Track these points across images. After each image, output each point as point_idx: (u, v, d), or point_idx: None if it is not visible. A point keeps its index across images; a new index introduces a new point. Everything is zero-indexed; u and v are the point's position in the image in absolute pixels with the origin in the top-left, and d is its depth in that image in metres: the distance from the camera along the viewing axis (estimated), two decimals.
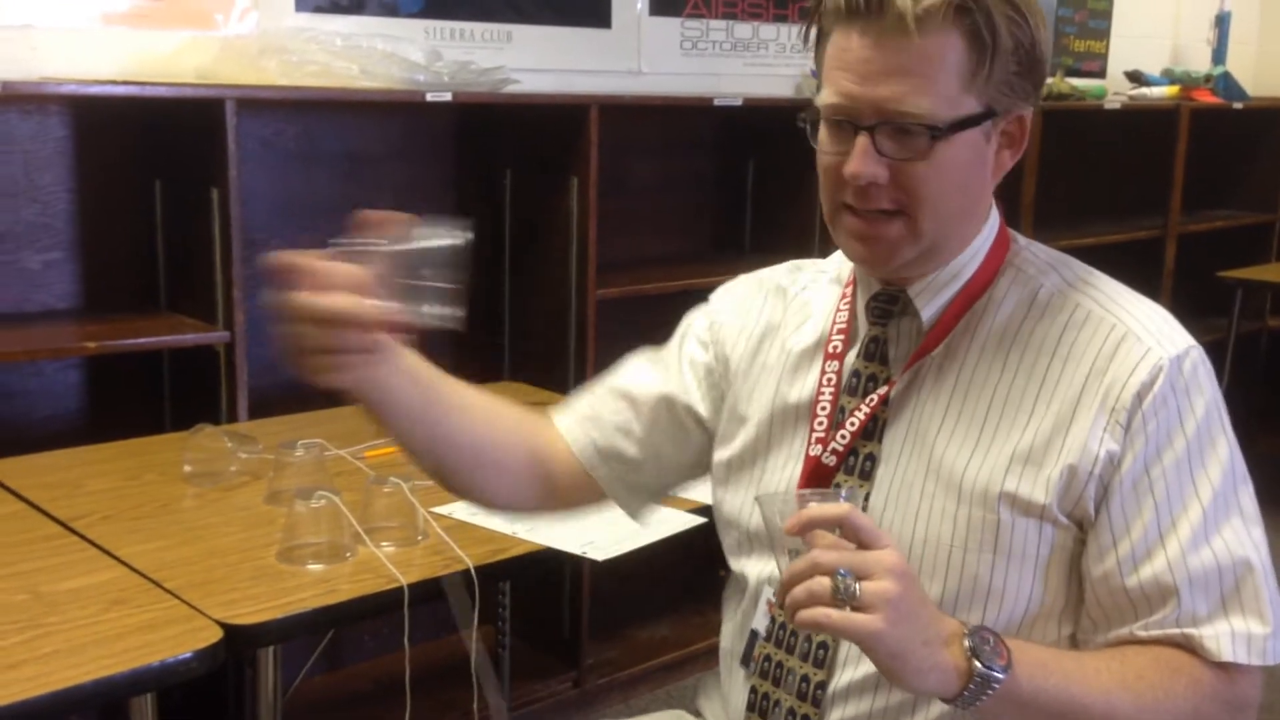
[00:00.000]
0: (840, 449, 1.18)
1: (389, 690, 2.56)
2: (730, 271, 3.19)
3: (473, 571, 1.48)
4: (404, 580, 1.44)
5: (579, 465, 1.31)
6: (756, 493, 1.25)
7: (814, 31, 1.14)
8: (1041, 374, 1.12)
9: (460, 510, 1.66)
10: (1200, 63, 4.55)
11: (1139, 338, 1.10)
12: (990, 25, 1.06)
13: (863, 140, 1.08)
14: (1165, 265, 4.19)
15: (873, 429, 1.17)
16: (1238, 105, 4.34)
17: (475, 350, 2.87)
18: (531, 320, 2.82)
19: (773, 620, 1.21)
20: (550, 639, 2.81)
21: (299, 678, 2.46)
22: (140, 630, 1.30)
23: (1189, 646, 1.08)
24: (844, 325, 1.22)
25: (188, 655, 1.26)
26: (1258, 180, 4.66)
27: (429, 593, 1.47)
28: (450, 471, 1.24)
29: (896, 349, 1.18)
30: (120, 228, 2.36)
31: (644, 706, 1.39)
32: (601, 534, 1.58)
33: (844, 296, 1.24)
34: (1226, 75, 4.37)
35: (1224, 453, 1.10)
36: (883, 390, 1.17)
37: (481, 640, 1.54)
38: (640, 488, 1.33)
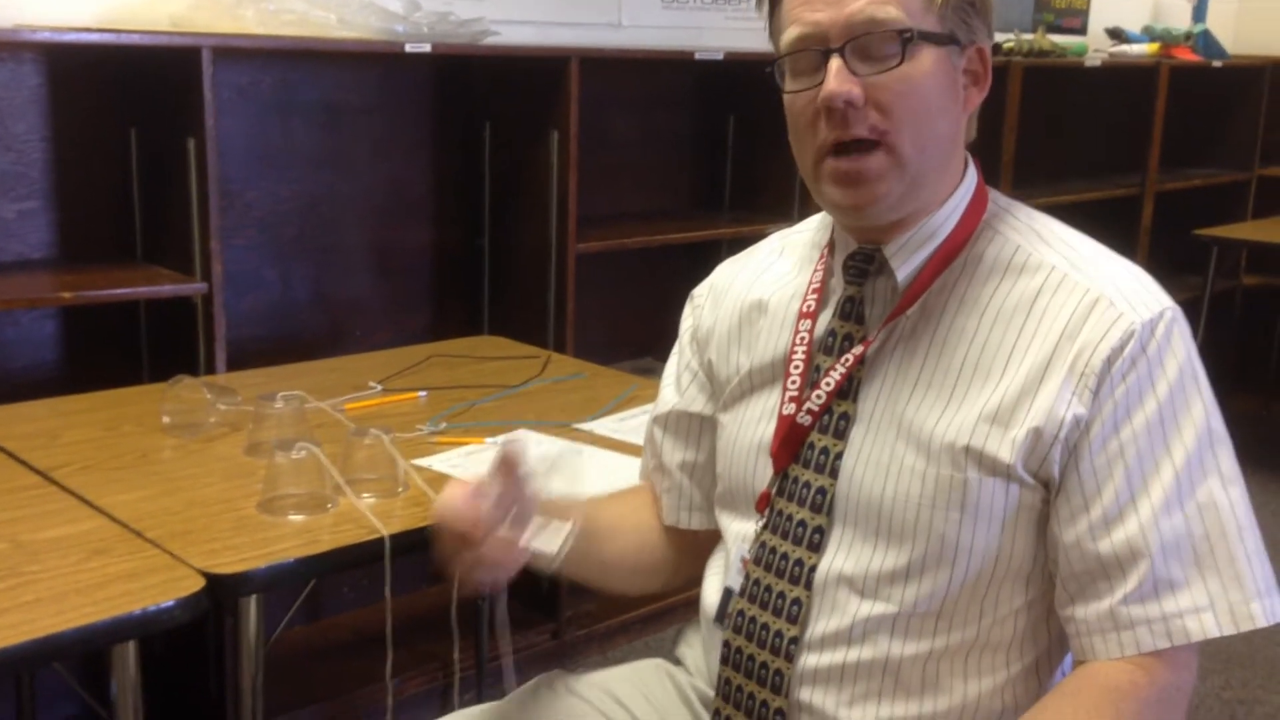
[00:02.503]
0: (815, 409, 1.18)
1: (369, 642, 2.58)
2: (710, 225, 3.18)
3: None
4: (385, 531, 1.44)
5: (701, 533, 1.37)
6: (731, 449, 1.28)
7: None
8: (1015, 335, 1.12)
9: (440, 462, 1.67)
10: (1181, 20, 4.55)
11: (1112, 301, 1.10)
12: None
13: (835, 61, 1.08)
14: (1142, 223, 4.21)
15: (848, 388, 1.18)
16: (1217, 63, 4.35)
17: (455, 303, 2.87)
18: (511, 274, 2.82)
19: (747, 577, 1.22)
20: (528, 591, 2.83)
21: (279, 628, 2.48)
22: (122, 579, 1.30)
23: (1143, 643, 1.06)
24: (818, 285, 1.23)
25: (170, 604, 1.26)
26: (1235, 139, 4.68)
27: (410, 544, 1.47)
28: (615, 590, 1.39)
29: (872, 309, 1.19)
30: (96, 177, 2.34)
31: (621, 657, 1.40)
32: (582, 485, 1.59)
33: (820, 257, 1.24)
34: (1206, 33, 4.37)
35: (1198, 414, 1.09)
36: (858, 350, 1.17)
37: (459, 596, 1.56)
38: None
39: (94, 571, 1.31)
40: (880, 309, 1.18)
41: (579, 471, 1.25)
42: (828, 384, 1.18)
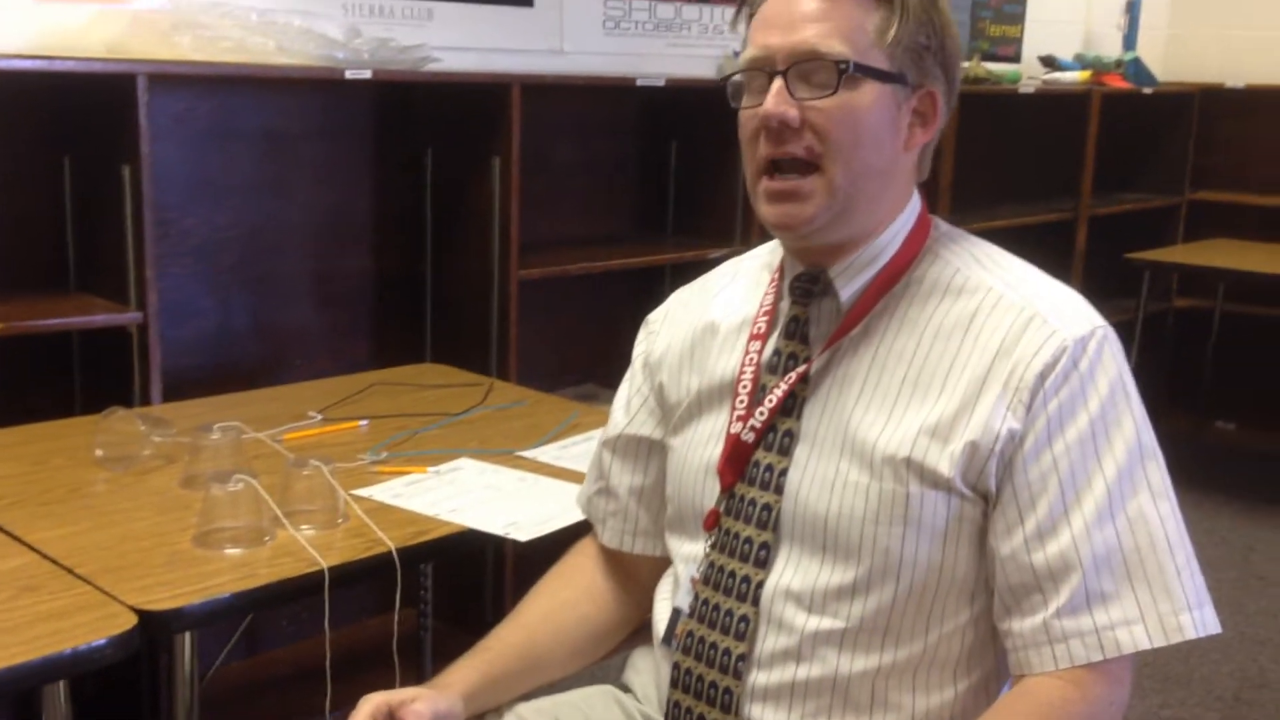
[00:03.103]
0: (759, 426, 1.21)
1: (309, 675, 2.54)
2: (653, 251, 3.19)
3: (394, 554, 1.47)
4: (324, 563, 1.42)
5: (642, 558, 1.38)
6: (680, 471, 1.28)
7: (744, 12, 1.21)
8: (953, 353, 1.15)
9: (381, 492, 1.65)
10: (1111, 48, 4.65)
11: (1046, 319, 1.13)
12: None
13: (777, 83, 1.15)
14: (1076, 247, 4.29)
15: (791, 406, 1.20)
16: (1147, 90, 4.45)
17: (397, 331, 2.85)
18: (453, 301, 2.80)
19: (695, 596, 1.22)
20: (472, 620, 2.80)
21: (216, 664, 2.43)
22: (51, 617, 1.27)
23: (1079, 657, 1.08)
24: (769, 307, 1.26)
25: (101, 642, 1.23)
26: (1166, 164, 4.78)
27: (349, 575, 1.45)
28: (569, 674, 1.38)
29: (817, 328, 1.22)
30: (29, 205, 2.29)
31: (569, 684, 1.39)
32: (524, 514, 1.58)
33: (772, 280, 1.28)
34: (1137, 61, 4.47)
35: (1129, 429, 1.12)
36: (801, 368, 1.20)
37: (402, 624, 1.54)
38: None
39: (23, 610, 1.28)
40: (824, 329, 1.22)
41: None
42: (770, 401, 1.20)
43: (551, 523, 1.54)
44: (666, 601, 1.29)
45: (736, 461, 1.22)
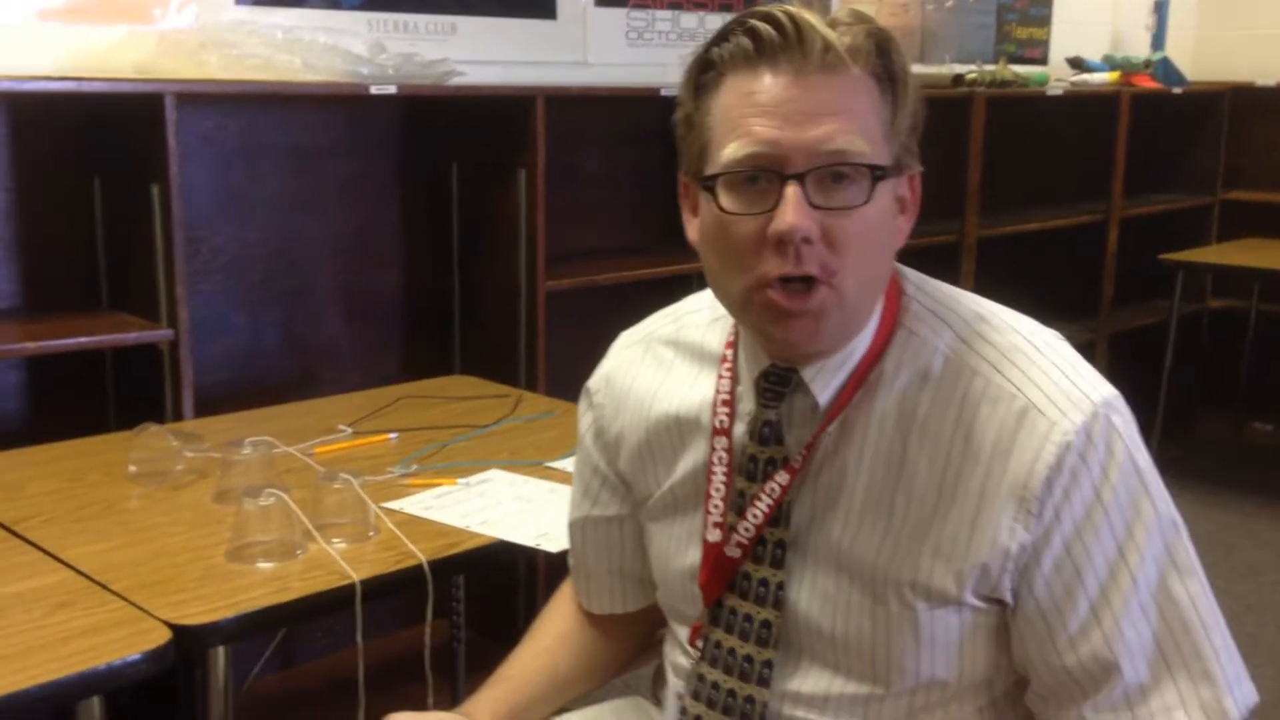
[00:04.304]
0: (746, 541, 1.12)
1: (342, 688, 2.55)
2: (679, 261, 3.18)
3: (426, 567, 1.47)
4: (356, 576, 1.43)
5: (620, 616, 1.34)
6: (663, 566, 1.22)
7: (708, 78, 1.03)
8: (944, 459, 1.05)
9: (411, 505, 1.65)
10: (1140, 48, 4.61)
11: (1041, 410, 1.03)
12: (903, 70, 1.01)
13: (793, 190, 0.97)
14: (1108, 249, 4.25)
15: (778, 515, 1.11)
16: (1177, 90, 4.41)
17: (425, 344, 2.86)
18: (481, 313, 2.81)
19: (684, 711, 1.18)
20: (505, 631, 2.80)
21: (250, 677, 2.44)
22: (87, 633, 1.28)
23: None
24: (727, 396, 1.14)
25: (136, 657, 1.24)
26: (1197, 164, 4.73)
27: (381, 588, 1.46)
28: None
29: (790, 430, 1.11)
30: (60, 226, 2.32)
31: (601, 695, 1.39)
32: (555, 525, 1.58)
33: (724, 360, 1.15)
34: (1166, 61, 4.43)
35: (1148, 514, 1.04)
36: (784, 479, 1.10)
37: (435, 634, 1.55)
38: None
39: (58, 626, 1.29)
40: (801, 430, 1.10)
41: None
42: (755, 516, 1.11)
43: None
44: (674, 656, 1.24)
45: (721, 575, 1.13)
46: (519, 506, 1.66)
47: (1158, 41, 4.67)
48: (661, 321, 1.26)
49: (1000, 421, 1.03)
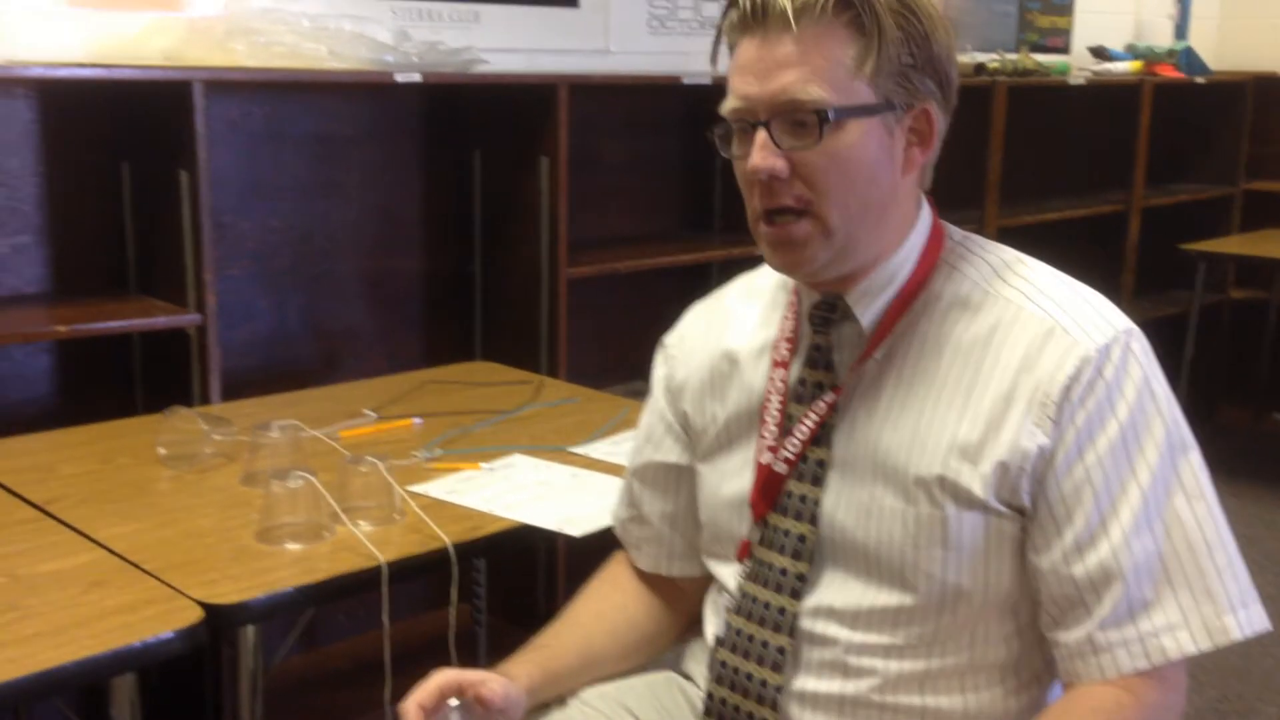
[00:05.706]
0: (791, 457, 1.20)
1: (368, 669, 2.57)
2: (701, 248, 3.19)
3: (450, 550, 1.49)
4: (382, 558, 1.45)
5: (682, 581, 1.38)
6: (713, 500, 1.29)
7: (722, 49, 1.18)
8: (974, 370, 1.13)
9: (436, 488, 1.67)
10: (1163, 38, 4.59)
11: (1066, 330, 1.11)
12: (873, 15, 1.09)
13: (760, 135, 1.11)
14: (1129, 239, 4.24)
15: (821, 435, 1.19)
16: (1200, 80, 4.39)
17: (448, 330, 2.88)
18: (503, 300, 2.83)
19: (729, 626, 1.23)
20: (526, 615, 2.83)
21: (278, 657, 2.47)
22: (121, 611, 1.30)
23: (1129, 666, 1.08)
24: (790, 334, 1.24)
25: (169, 635, 1.27)
26: (1219, 154, 4.71)
27: (407, 571, 1.48)
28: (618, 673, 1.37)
29: (840, 355, 1.20)
30: (89, 211, 2.35)
31: (630, 670, 1.41)
32: (578, 510, 1.60)
33: (791, 304, 1.26)
34: (1189, 50, 4.41)
35: (1160, 432, 1.10)
36: (829, 398, 1.19)
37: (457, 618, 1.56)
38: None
39: (92, 604, 1.32)
40: (848, 354, 1.20)
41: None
42: (801, 432, 1.19)
43: (605, 518, 1.56)
44: (714, 617, 1.30)
45: (769, 492, 1.21)
46: (542, 491, 1.68)
47: (1181, 31, 4.65)
48: (736, 282, 1.37)
49: (1029, 340, 1.12)
